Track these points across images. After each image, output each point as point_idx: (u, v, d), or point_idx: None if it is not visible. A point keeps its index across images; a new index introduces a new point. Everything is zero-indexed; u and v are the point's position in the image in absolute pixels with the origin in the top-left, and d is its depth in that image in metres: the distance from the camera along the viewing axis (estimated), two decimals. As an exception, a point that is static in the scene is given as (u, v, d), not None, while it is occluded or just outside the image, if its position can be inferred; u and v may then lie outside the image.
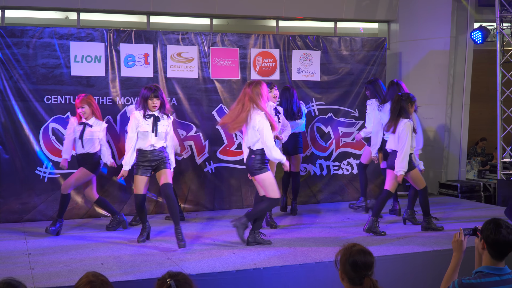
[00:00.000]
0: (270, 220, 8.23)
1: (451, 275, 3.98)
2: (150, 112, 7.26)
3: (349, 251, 3.51)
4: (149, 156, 7.24)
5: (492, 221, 3.75)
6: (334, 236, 7.66)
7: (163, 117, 7.34)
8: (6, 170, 8.73)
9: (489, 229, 3.72)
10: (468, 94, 11.84)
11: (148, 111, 7.26)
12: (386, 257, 6.44)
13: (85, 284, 3.09)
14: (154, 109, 7.24)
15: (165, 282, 3.08)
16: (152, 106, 7.23)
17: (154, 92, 7.21)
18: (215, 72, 9.76)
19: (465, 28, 11.70)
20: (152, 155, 7.24)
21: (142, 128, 7.22)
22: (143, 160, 7.25)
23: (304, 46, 10.28)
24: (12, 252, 6.85)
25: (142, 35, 9.42)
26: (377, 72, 10.65)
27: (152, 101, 7.21)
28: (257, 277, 6.03)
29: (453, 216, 8.96)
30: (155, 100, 7.22)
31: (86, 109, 7.96)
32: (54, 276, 5.85)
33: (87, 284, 3.09)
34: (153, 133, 7.21)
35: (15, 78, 8.73)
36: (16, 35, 8.75)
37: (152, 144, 7.22)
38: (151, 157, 7.24)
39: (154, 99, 7.22)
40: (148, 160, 7.24)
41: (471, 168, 12.77)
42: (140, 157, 7.27)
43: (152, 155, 7.24)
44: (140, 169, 7.25)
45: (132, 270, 6.00)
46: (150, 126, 7.21)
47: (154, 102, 7.22)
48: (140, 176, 7.24)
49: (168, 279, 3.08)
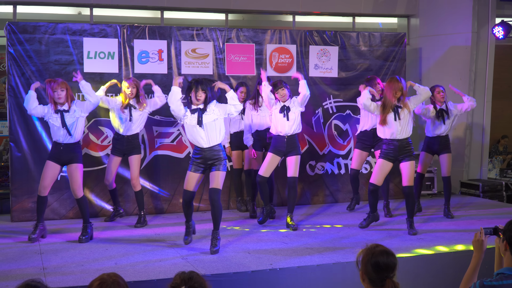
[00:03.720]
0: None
1: (471, 275, 3.96)
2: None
3: (372, 251, 3.48)
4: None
5: (515, 222, 3.73)
6: (352, 236, 7.64)
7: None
8: (18, 168, 8.80)
9: (512, 230, 3.70)
10: (490, 91, 11.78)
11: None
12: (405, 258, 6.42)
13: (97, 280, 3.09)
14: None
15: None
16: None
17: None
18: (230, 68, 9.77)
19: (486, 23, 11.63)
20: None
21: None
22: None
23: (321, 41, 10.26)
24: (25, 251, 6.91)
25: (156, 31, 9.45)
26: (397, 68, 10.62)
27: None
28: (273, 277, 6.03)
29: (474, 215, 8.90)
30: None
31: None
32: (67, 275, 5.89)
33: (98, 280, 3.09)
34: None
35: (27, 74, 8.79)
36: (28, 31, 8.82)
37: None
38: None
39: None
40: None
41: (493, 167, 12.70)
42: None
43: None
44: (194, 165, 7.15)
45: (146, 270, 6.02)
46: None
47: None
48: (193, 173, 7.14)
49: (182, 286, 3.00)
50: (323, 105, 10.21)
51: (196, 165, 7.07)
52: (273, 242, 7.32)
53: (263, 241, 7.35)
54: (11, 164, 8.84)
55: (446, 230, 7.90)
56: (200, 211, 9.42)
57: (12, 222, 8.74)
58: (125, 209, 9.17)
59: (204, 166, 7.09)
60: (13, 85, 8.74)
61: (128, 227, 8.33)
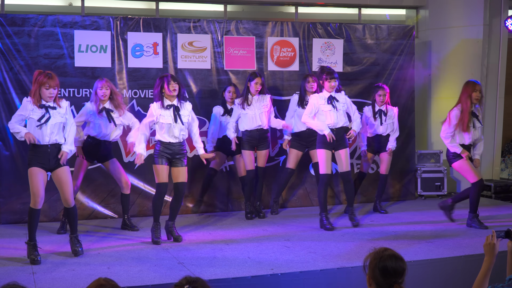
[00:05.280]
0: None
1: (482, 280, 3.96)
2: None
3: (380, 255, 3.49)
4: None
5: (529, 224, 3.73)
6: (358, 239, 7.65)
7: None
8: (6, 168, 8.81)
9: (526, 233, 3.70)
10: (503, 86, 11.77)
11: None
12: (414, 262, 6.43)
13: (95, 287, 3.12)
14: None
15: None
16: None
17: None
18: (229, 62, 9.78)
19: (498, 15, 11.63)
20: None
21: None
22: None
23: (325, 34, 10.26)
24: (13, 255, 6.90)
25: (151, 23, 9.45)
26: (405, 62, 10.63)
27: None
28: (274, 283, 6.03)
29: (486, 217, 8.91)
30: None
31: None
32: (57, 280, 5.89)
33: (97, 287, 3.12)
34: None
35: (16, 69, 8.79)
36: (17, 23, 8.82)
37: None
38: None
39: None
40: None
41: (506, 167, 12.69)
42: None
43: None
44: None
45: (140, 275, 6.02)
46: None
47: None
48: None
49: (186, 285, 3.07)
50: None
51: (165, 159, 7.56)
52: (274, 246, 7.31)
53: (264, 245, 7.35)
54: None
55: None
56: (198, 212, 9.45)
57: (1, 224, 8.75)
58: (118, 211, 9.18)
59: (171, 159, 7.59)
60: (0, 80, 8.74)
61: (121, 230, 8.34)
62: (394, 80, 10.57)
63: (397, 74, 10.62)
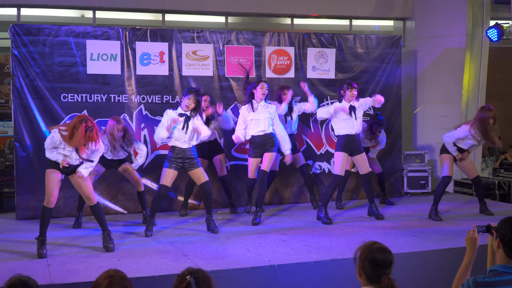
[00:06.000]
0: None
1: (464, 272, 3.99)
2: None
3: (369, 248, 3.52)
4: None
5: (508, 220, 3.75)
6: (349, 233, 7.67)
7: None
8: (22, 168, 8.83)
9: (505, 228, 3.72)
10: (484, 92, 11.81)
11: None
12: (401, 255, 6.44)
13: (105, 278, 3.16)
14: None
15: (184, 279, 3.12)
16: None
17: None
18: (230, 70, 9.80)
19: (480, 25, 11.66)
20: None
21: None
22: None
23: (319, 44, 10.29)
24: (29, 248, 6.91)
25: (158, 33, 9.48)
26: (393, 70, 10.65)
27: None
28: (271, 274, 6.07)
29: (467, 214, 8.93)
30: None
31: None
32: (71, 272, 5.91)
33: (106, 278, 3.16)
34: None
35: (32, 76, 8.81)
36: (32, 33, 8.84)
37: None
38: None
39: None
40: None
41: (486, 166, 12.72)
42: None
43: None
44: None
45: (148, 267, 6.04)
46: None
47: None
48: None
49: (187, 276, 3.12)
50: (321, 106, 10.21)
51: (176, 164, 7.65)
52: (271, 239, 7.34)
53: (262, 239, 7.37)
54: (16, 164, 8.86)
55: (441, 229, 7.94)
56: (200, 209, 9.46)
57: (17, 220, 8.78)
58: (127, 207, 9.21)
59: (182, 164, 7.68)
60: (17, 86, 8.76)
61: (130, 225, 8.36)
62: (382, 86, 10.59)
63: (385, 81, 10.64)
